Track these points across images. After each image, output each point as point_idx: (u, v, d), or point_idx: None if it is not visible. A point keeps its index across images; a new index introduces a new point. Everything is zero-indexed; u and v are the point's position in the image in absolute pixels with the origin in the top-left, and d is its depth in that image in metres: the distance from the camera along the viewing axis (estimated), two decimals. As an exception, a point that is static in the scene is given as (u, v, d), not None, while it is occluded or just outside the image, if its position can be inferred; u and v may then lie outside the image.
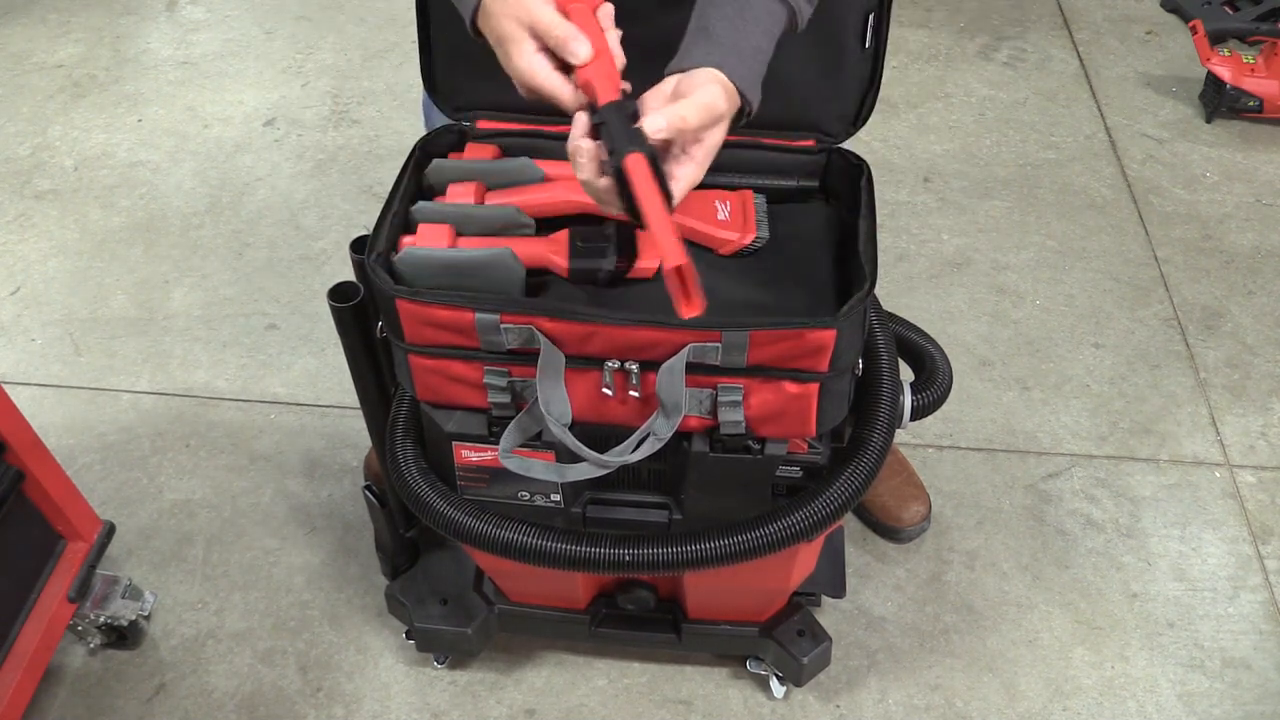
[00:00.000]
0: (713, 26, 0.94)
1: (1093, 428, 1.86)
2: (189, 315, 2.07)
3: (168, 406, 1.90)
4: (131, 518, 1.72)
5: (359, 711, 1.50)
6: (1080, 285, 2.13)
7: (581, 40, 0.89)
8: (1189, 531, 1.71)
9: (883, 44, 1.13)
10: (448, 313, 0.99)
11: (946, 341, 1.63)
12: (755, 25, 0.94)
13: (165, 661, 1.55)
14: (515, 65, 0.92)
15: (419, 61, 1.20)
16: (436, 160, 1.15)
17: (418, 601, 1.43)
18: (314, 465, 1.80)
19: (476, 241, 1.07)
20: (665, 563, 1.11)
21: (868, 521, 1.70)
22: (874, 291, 1.01)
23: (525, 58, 0.91)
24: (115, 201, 2.33)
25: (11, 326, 2.05)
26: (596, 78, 0.89)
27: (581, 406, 1.04)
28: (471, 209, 1.09)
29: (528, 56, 0.91)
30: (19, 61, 2.75)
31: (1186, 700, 1.51)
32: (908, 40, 2.82)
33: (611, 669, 1.53)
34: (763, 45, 0.95)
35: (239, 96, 2.63)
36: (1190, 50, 2.64)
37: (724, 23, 0.93)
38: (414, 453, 1.17)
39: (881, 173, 1.70)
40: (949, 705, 1.51)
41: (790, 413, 1.03)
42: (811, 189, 1.19)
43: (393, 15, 2.90)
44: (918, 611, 1.61)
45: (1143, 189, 2.36)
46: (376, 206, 1.96)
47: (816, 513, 1.09)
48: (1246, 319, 2.07)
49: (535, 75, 0.91)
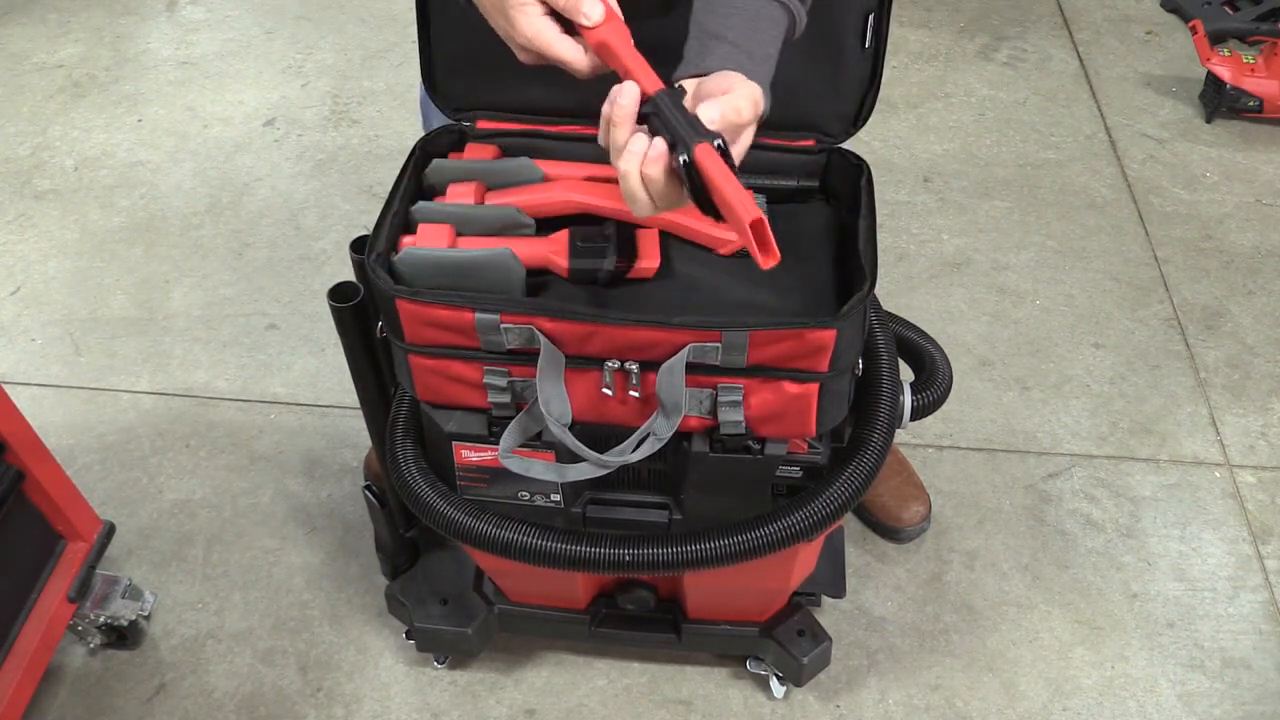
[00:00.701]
0: (728, 33, 0.92)
1: (1093, 428, 1.86)
2: (189, 315, 2.07)
3: (168, 406, 1.90)
4: (131, 518, 1.72)
5: (359, 711, 1.50)
6: (1080, 285, 2.13)
7: (594, 1, 0.86)
8: (1189, 531, 1.71)
9: (883, 44, 1.13)
10: (448, 313, 0.99)
11: (946, 341, 1.63)
12: (765, 33, 0.94)
13: (165, 661, 1.55)
14: (521, 31, 0.88)
15: (419, 61, 1.20)
16: (436, 160, 1.15)
17: (418, 601, 1.43)
18: (314, 465, 1.80)
19: (476, 241, 1.07)
20: (665, 563, 1.11)
21: (868, 521, 1.70)
22: (874, 291, 1.01)
23: (531, 21, 0.87)
24: (115, 201, 2.33)
25: (11, 326, 2.05)
26: (612, 39, 0.86)
27: (581, 406, 1.04)
28: (471, 209, 1.09)
29: (534, 20, 0.87)
30: (19, 61, 2.75)
31: (1186, 700, 1.51)
32: (908, 40, 2.82)
33: (611, 669, 1.53)
34: (772, 53, 0.94)
35: (239, 96, 2.63)
36: (1190, 50, 2.64)
37: (738, 30, 0.92)
38: (414, 453, 1.17)
39: (881, 173, 1.70)
40: (949, 705, 1.51)
41: (790, 413, 1.03)
42: (811, 189, 1.19)
43: (393, 15, 2.90)
44: (918, 611, 1.61)
45: (1143, 189, 2.36)
46: (376, 206, 1.96)
47: (816, 513, 1.09)
48: (1246, 319, 2.07)
49: (544, 39, 0.87)
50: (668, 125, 0.83)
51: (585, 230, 1.08)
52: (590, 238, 1.07)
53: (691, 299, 1.05)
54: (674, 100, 0.84)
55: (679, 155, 0.82)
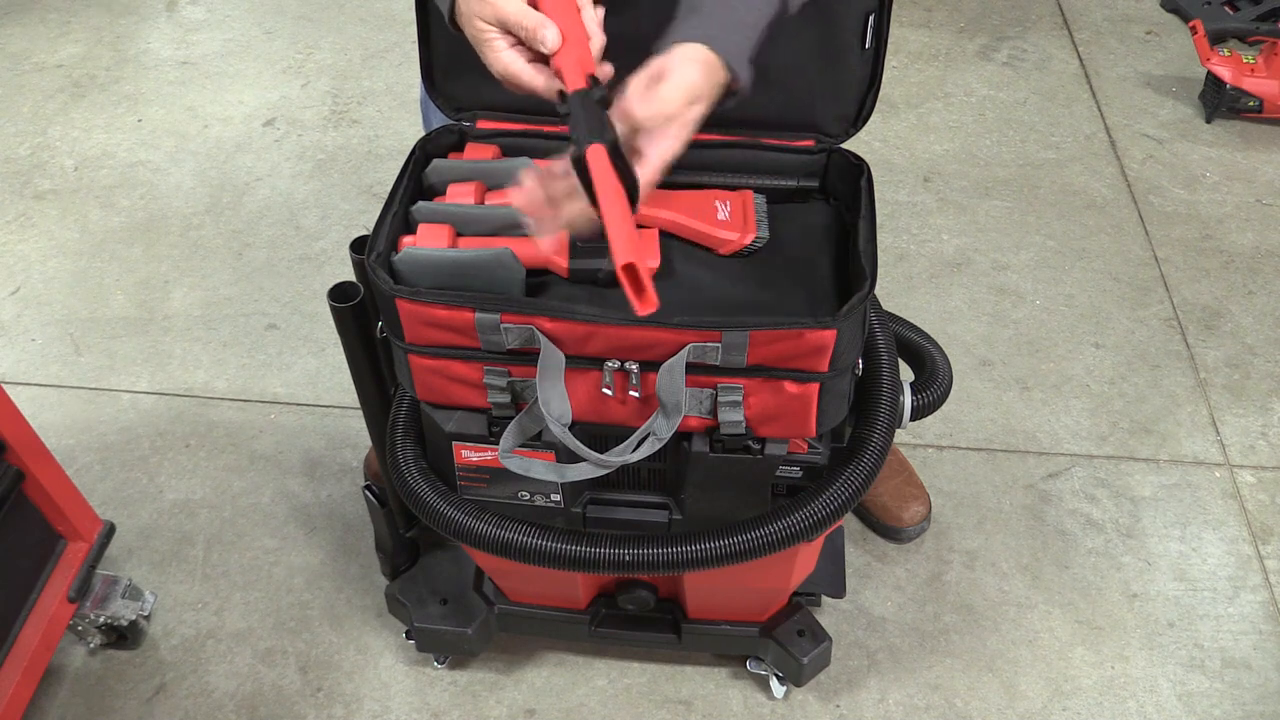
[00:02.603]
0: (702, 4, 0.94)
1: (1093, 428, 1.86)
2: (189, 315, 2.07)
3: (168, 406, 1.91)
4: (131, 518, 1.72)
5: (359, 711, 1.50)
6: (1080, 285, 2.13)
7: (549, 27, 0.89)
8: (1189, 531, 1.71)
9: (883, 44, 1.13)
10: (448, 313, 0.99)
11: (946, 341, 1.63)
12: (744, 2, 0.95)
13: (165, 661, 1.55)
14: (492, 65, 0.93)
15: (419, 61, 1.20)
16: (436, 160, 1.15)
17: (418, 601, 1.43)
18: (314, 465, 1.80)
19: (476, 241, 1.07)
20: (665, 563, 1.11)
21: (868, 521, 1.70)
22: (874, 291, 1.01)
23: (500, 55, 0.92)
24: (115, 201, 2.33)
25: (11, 326, 2.05)
26: (566, 65, 0.89)
27: (581, 406, 1.04)
28: (471, 209, 1.09)
29: (502, 54, 0.92)
30: (19, 61, 2.75)
31: (1186, 700, 1.51)
32: (908, 40, 2.82)
33: (611, 669, 1.53)
34: (750, 21, 0.95)
35: (239, 96, 2.63)
36: (1190, 50, 2.64)
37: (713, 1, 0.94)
38: (414, 453, 1.17)
39: (881, 173, 1.71)
40: (949, 705, 1.51)
41: (790, 413, 1.03)
42: (811, 189, 1.19)
43: (393, 15, 2.90)
44: (918, 611, 1.61)
45: (1143, 189, 2.36)
46: (376, 206, 1.96)
47: (816, 513, 1.09)
48: (1246, 319, 2.07)
49: (511, 71, 0.92)
50: (572, 126, 0.87)
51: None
52: (590, 238, 1.07)
53: (692, 299, 1.05)
54: (584, 101, 0.87)
55: (574, 155, 0.85)
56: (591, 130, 0.85)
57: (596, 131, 0.85)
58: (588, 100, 0.87)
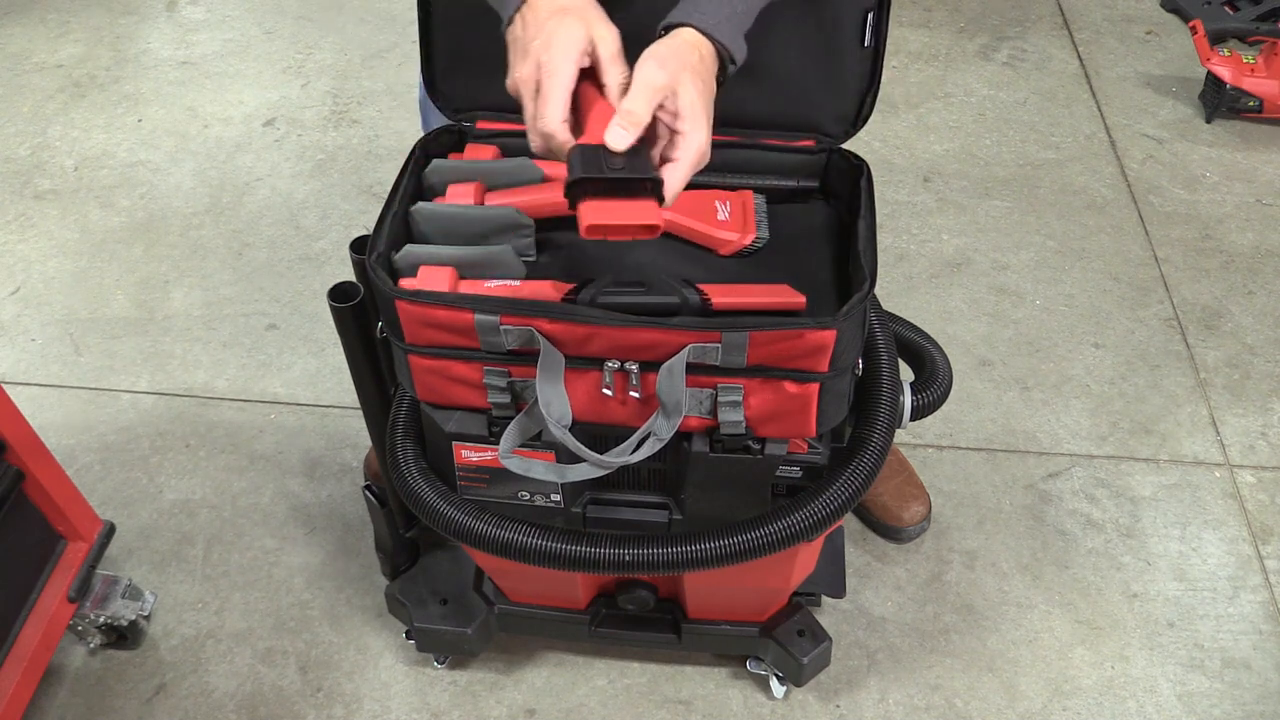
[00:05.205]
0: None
1: (1093, 428, 1.86)
2: (189, 315, 2.07)
3: (168, 406, 1.90)
4: (131, 518, 1.72)
5: (359, 711, 1.50)
6: (1080, 285, 2.13)
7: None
8: (1189, 531, 1.71)
9: (883, 44, 1.13)
10: (447, 313, 0.99)
11: (946, 341, 1.63)
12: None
13: (165, 661, 1.55)
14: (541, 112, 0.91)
15: (419, 61, 1.20)
16: (436, 160, 1.15)
17: (418, 601, 1.43)
18: (314, 465, 1.80)
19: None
20: (665, 563, 1.11)
21: (868, 521, 1.70)
22: (874, 291, 1.01)
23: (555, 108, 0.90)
24: (115, 201, 2.33)
25: (11, 326, 2.05)
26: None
27: (581, 407, 1.04)
28: (471, 209, 1.09)
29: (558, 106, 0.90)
30: (19, 61, 2.75)
31: (1186, 700, 1.51)
32: (908, 40, 2.82)
33: (611, 669, 1.53)
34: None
35: (239, 96, 2.63)
36: (1190, 50, 2.64)
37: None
38: (414, 453, 1.17)
39: (881, 173, 1.71)
40: (949, 705, 1.51)
41: (790, 413, 1.03)
42: (811, 189, 1.19)
43: (393, 15, 2.90)
44: (918, 611, 1.61)
45: (1142, 189, 2.36)
46: (376, 206, 1.96)
47: (816, 513, 1.09)
48: (1246, 319, 2.07)
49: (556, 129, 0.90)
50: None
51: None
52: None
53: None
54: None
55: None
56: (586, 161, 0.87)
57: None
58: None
